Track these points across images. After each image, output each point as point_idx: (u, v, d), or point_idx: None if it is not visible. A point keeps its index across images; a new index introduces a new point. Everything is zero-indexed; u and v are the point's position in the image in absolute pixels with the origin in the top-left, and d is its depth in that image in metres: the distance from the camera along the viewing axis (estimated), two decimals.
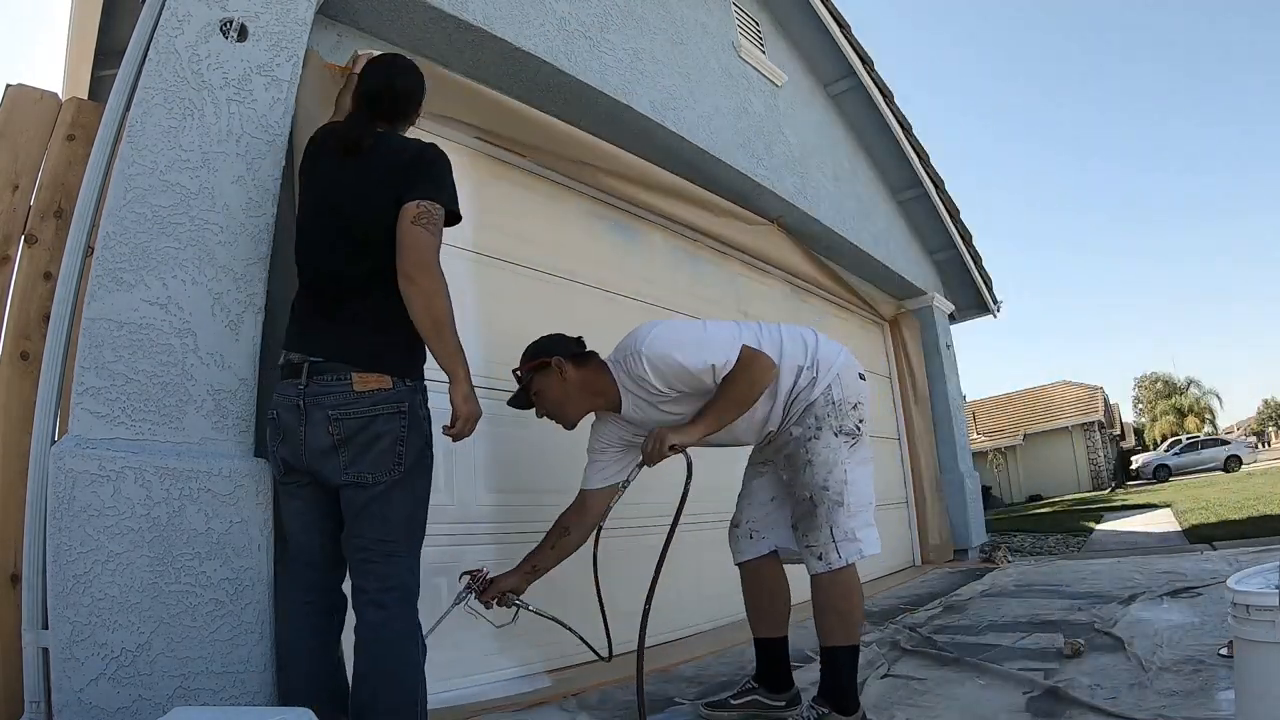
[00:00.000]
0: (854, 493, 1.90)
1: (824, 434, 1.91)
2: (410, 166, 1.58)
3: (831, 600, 1.88)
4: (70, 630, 1.46)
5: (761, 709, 2.05)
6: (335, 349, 1.53)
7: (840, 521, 1.86)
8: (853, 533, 1.87)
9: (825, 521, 1.87)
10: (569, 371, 1.97)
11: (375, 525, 1.52)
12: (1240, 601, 1.33)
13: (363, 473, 1.51)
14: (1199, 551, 5.08)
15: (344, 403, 1.50)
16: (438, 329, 1.52)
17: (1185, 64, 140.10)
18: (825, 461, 1.89)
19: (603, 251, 3.42)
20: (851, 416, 1.94)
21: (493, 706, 2.28)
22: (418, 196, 1.53)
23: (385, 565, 1.52)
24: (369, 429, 1.50)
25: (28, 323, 1.86)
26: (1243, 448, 23.04)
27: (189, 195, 1.79)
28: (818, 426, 1.92)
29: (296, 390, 1.52)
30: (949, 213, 6.30)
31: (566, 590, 2.28)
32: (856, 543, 1.87)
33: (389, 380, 1.52)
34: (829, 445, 1.90)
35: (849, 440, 1.93)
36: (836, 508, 1.87)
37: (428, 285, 1.50)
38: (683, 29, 3.87)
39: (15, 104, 1.97)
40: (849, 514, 1.88)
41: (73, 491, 1.50)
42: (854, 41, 5.16)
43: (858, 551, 1.87)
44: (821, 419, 1.92)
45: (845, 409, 1.93)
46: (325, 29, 2.43)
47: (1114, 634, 2.64)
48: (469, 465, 2.63)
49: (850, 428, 1.93)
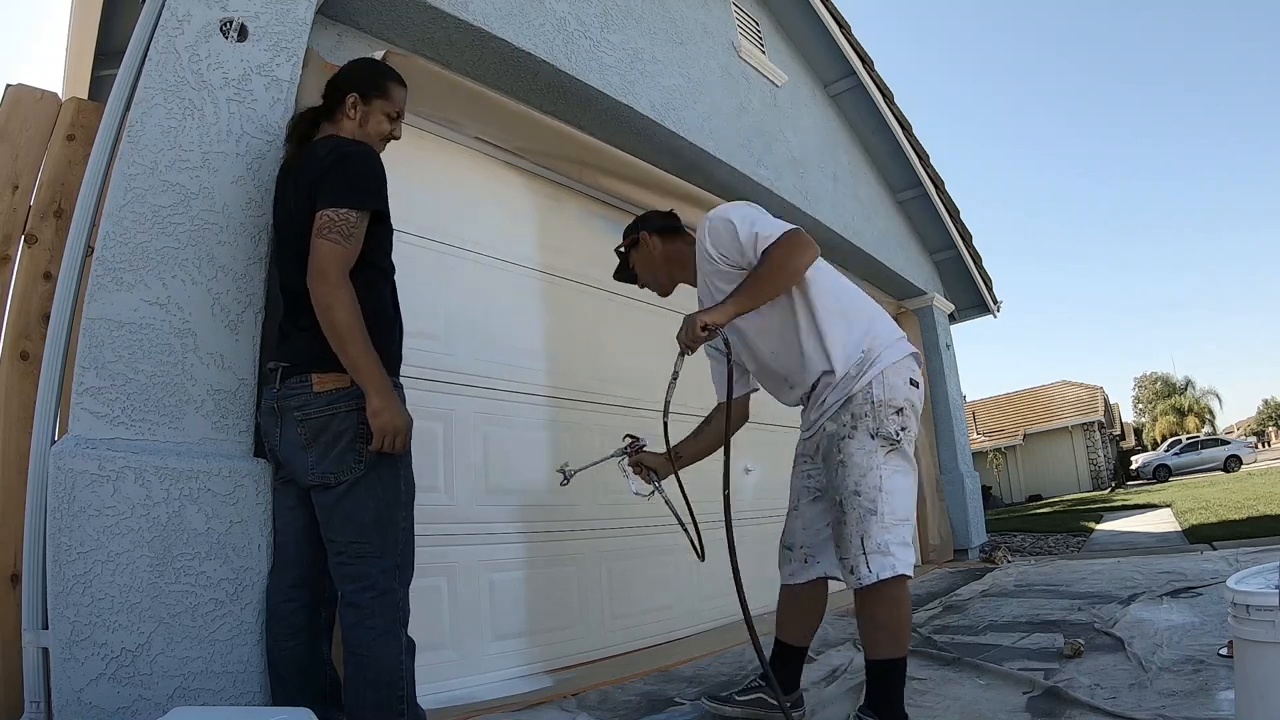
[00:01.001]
0: (890, 502, 1.72)
1: (859, 434, 1.76)
2: (325, 171, 1.57)
3: (874, 614, 1.73)
4: (70, 630, 1.46)
5: (766, 709, 2.00)
6: (300, 353, 1.58)
7: (873, 532, 1.70)
8: (886, 546, 1.69)
9: (856, 531, 1.72)
10: (655, 244, 2.06)
11: (345, 527, 1.54)
12: (1240, 601, 1.33)
13: (326, 472, 1.54)
14: (1199, 551, 5.07)
15: (306, 403, 1.55)
16: (339, 341, 1.50)
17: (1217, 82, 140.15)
18: (859, 465, 1.74)
19: (602, 251, 3.42)
20: (893, 421, 1.76)
21: (493, 706, 2.28)
22: (326, 205, 1.53)
23: (358, 566, 1.54)
24: (329, 428, 1.54)
25: (28, 323, 1.86)
26: (1243, 448, 23.05)
27: (189, 195, 1.79)
28: (853, 425, 1.77)
29: (272, 394, 1.60)
30: (949, 213, 6.30)
31: None
32: (890, 557, 1.68)
33: (347, 378, 1.54)
34: (864, 447, 1.75)
35: (886, 445, 1.76)
36: (869, 515, 1.71)
37: (323, 297, 1.50)
38: (683, 29, 3.87)
39: (15, 104, 1.96)
40: (883, 525, 1.70)
41: (73, 491, 1.50)
42: (854, 41, 5.16)
43: (890, 568, 1.68)
44: (858, 417, 1.77)
45: (886, 412, 1.77)
46: (325, 29, 2.43)
47: (1114, 634, 2.64)
48: (469, 465, 2.63)
49: (889, 432, 1.76)
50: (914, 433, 1.82)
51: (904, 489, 1.78)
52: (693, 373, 1.93)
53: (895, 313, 6.07)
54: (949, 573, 5.19)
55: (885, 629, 1.72)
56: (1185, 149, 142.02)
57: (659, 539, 3.27)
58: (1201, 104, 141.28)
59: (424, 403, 2.53)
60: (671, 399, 1.88)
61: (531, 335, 3.00)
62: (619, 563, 3.10)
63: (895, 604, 1.72)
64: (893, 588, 1.70)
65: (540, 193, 3.20)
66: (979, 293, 6.99)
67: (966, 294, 6.96)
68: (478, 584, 2.56)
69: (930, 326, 6.33)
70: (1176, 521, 7.85)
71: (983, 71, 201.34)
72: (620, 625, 3.04)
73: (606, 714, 2.23)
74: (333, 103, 1.77)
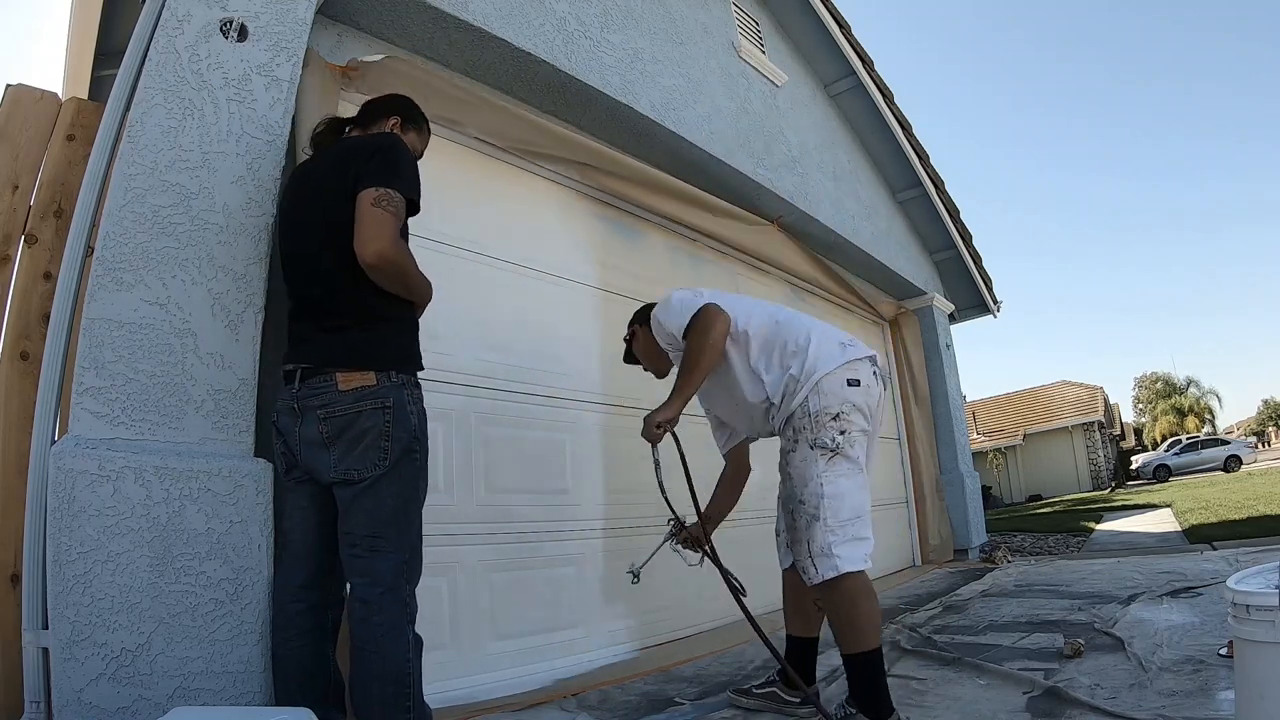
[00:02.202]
0: (833, 508, 1.83)
1: (800, 447, 1.89)
2: (372, 154, 1.59)
3: (834, 609, 1.85)
4: (70, 630, 1.46)
5: (780, 703, 2.13)
6: (322, 353, 1.58)
7: (817, 536, 1.82)
8: (829, 548, 1.80)
9: (803, 536, 1.85)
10: (641, 336, 2.30)
11: (362, 520, 1.54)
12: (1240, 601, 1.32)
13: (350, 469, 1.54)
14: (1199, 551, 5.07)
15: (330, 401, 1.54)
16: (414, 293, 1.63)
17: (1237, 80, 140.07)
18: (801, 476, 1.87)
19: (602, 250, 3.43)
20: (829, 429, 1.86)
21: (493, 706, 2.28)
22: (373, 184, 1.53)
23: (370, 560, 1.54)
24: (355, 425, 1.54)
25: (28, 323, 1.86)
26: (1243, 448, 23.01)
27: (189, 195, 1.79)
28: (794, 439, 1.91)
29: (291, 395, 1.59)
30: (949, 213, 6.30)
31: None
32: (833, 559, 1.80)
33: (373, 376, 1.55)
34: (804, 459, 1.87)
35: (825, 453, 1.86)
36: (813, 522, 1.83)
37: (394, 256, 1.52)
38: (683, 29, 3.87)
39: (15, 104, 1.96)
40: (827, 529, 1.82)
41: (73, 491, 1.50)
42: (854, 41, 5.16)
43: (833, 568, 1.79)
44: (798, 430, 1.90)
45: (822, 420, 1.87)
46: (325, 29, 2.43)
47: (1114, 634, 2.64)
48: (469, 465, 2.63)
49: (826, 441, 1.85)
50: (859, 427, 1.92)
51: (848, 490, 1.87)
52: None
53: (895, 312, 6.07)
54: (949, 573, 5.19)
55: (845, 623, 1.83)
56: (1186, 149, 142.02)
57: (659, 539, 3.26)
58: (1203, 104, 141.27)
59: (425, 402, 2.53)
60: (663, 479, 2.04)
61: (532, 335, 3.00)
62: (619, 562, 3.10)
63: (850, 599, 1.81)
64: (844, 584, 1.81)
65: (543, 193, 3.20)
66: (979, 292, 6.99)
67: (966, 294, 6.96)
68: (478, 584, 2.56)
69: (930, 326, 6.33)
70: (1176, 521, 7.85)
71: (982, 71, 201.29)
72: (621, 625, 3.04)
73: (606, 714, 2.23)
74: (369, 119, 1.81)
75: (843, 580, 1.80)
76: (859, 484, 1.90)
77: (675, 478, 2.06)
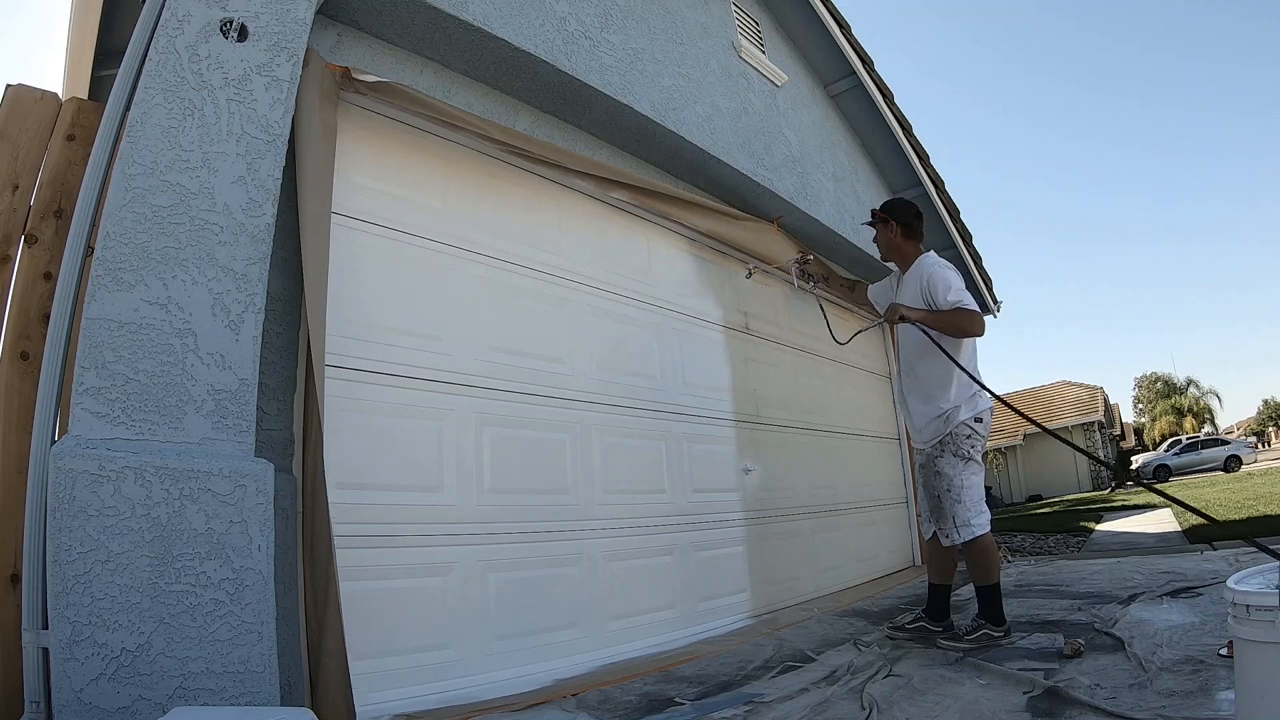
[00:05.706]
0: (967, 494, 2.79)
1: (946, 454, 2.84)
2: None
3: (973, 558, 2.81)
4: (70, 630, 1.46)
5: (926, 633, 2.95)
6: None
7: (958, 513, 2.78)
8: (968, 520, 2.78)
9: (949, 512, 2.81)
10: (895, 233, 3.01)
11: None
12: (1240, 601, 1.32)
13: None
14: (1199, 551, 5.08)
15: None
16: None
17: None
18: (946, 474, 2.83)
19: (602, 250, 3.42)
20: (965, 444, 2.81)
21: (493, 706, 2.28)
22: None
23: None
24: None
25: (28, 323, 1.86)
26: (1243, 448, 23.00)
27: (189, 195, 1.79)
28: (942, 448, 2.86)
29: None
30: (949, 213, 6.29)
31: None
32: (970, 527, 2.77)
33: None
34: (950, 464, 2.82)
35: (964, 461, 2.81)
36: (955, 504, 2.79)
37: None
38: (683, 29, 3.87)
39: (15, 104, 1.96)
40: (965, 508, 2.78)
41: (73, 491, 1.50)
42: (854, 41, 5.16)
43: (970, 533, 2.77)
44: (945, 444, 2.85)
45: (961, 438, 2.81)
46: (325, 29, 2.43)
47: (1114, 634, 2.64)
48: (469, 465, 2.63)
49: (964, 453, 2.81)
50: (981, 444, 2.85)
51: (976, 482, 2.84)
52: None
53: None
54: None
55: (979, 566, 2.80)
56: (1188, 145, 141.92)
57: (659, 539, 3.27)
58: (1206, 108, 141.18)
59: (424, 403, 2.53)
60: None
61: (532, 335, 3.00)
62: (620, 562, 3.10)
63: (983, 549, 2.79)
64: (979, 542, 2.78)
65: (542, 193, 3.20)
66: (979, 292, 6.98)
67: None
68: (478, 584, 2.56)
69: None
70: (1176, 522, 7.84)
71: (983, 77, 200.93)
72: (621, 625, 3.04)
73: (606, 714, 2.22)
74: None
75: (978, 539, 2.77)
76: (979, 472, 2.85)
77: None
